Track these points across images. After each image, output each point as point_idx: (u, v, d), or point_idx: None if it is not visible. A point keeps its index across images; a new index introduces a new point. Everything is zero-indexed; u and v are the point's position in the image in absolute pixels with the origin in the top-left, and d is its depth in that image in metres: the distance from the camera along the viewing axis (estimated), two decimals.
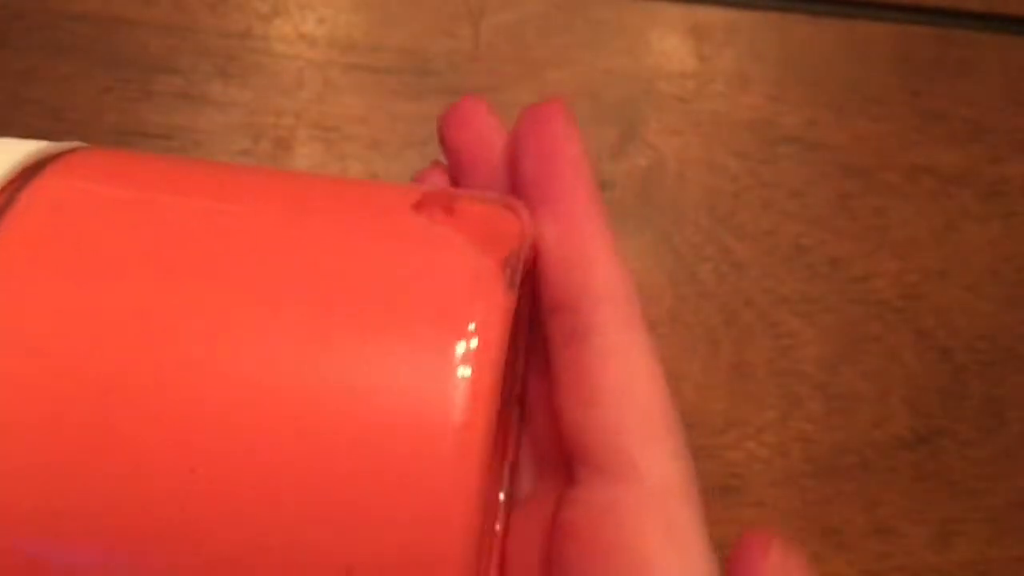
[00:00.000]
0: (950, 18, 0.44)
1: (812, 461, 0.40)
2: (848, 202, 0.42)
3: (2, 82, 0.42)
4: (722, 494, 0.39)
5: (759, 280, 0.42)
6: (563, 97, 0.22)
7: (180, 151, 0.41)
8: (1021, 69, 0.44)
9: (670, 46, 0.43)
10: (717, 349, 0.41)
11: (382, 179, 0.42)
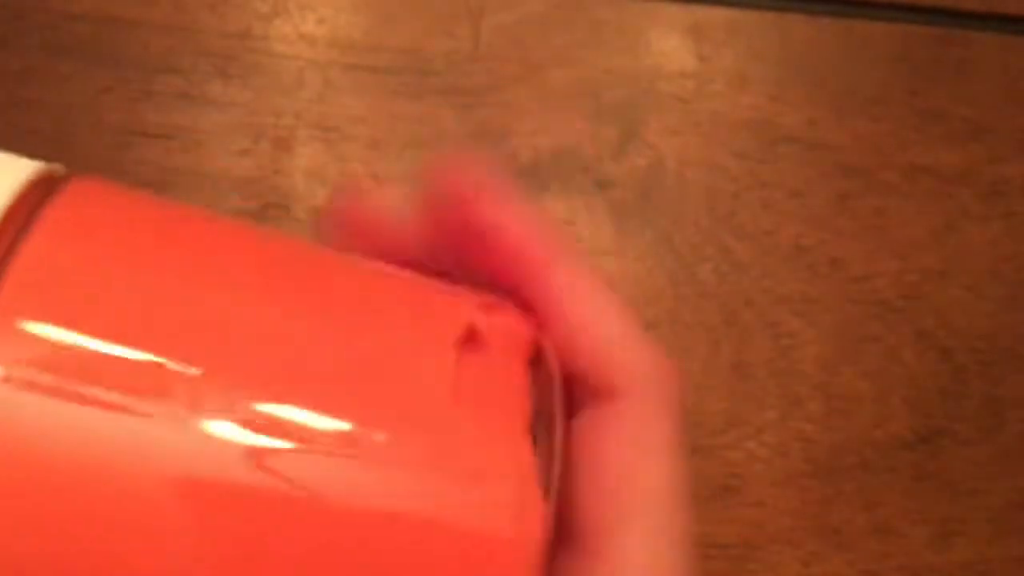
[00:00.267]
0: (949, 18, 0.44)
1: (812, 461, 0.40)
2: (848, 202, 0.43)
3: (2, 82, 0.42)
4: (722, 494, 0.39)
5: (759, 280, 0.42)
6: (450, 157, 0.19)
7: (180, 151, 0.41)
8: (1021, 69, 0.44)
9: (670, 46, 0.43)
10: (717, 349, 0.41)
11: (382, 179, 0.42)
